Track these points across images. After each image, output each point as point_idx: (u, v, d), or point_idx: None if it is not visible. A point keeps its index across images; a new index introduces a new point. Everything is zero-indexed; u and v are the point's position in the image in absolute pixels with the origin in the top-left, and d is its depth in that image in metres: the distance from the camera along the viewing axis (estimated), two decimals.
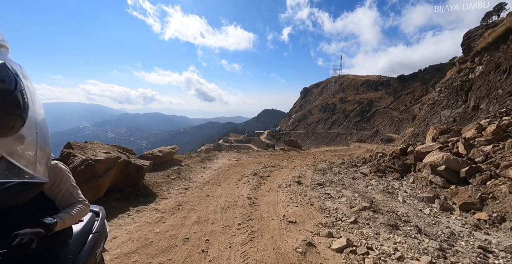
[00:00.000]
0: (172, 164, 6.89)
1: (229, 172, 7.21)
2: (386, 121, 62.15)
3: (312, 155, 11.44)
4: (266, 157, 10.45)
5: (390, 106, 70.26)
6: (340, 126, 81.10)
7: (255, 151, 11.55)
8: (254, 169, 7.61)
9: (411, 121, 24.39)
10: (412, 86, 74.86)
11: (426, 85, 66.36)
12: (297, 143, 12.47)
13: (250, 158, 9.95)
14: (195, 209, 3.84)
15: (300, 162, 9.34)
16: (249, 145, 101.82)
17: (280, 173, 7.09)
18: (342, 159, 9.98)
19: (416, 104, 54.61)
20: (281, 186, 5.45)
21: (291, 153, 11.71)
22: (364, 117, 71.53)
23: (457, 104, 10.58)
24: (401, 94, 74.00)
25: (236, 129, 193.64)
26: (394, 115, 61.23)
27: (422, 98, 56.71)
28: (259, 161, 9.24)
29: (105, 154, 3.65)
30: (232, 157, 9.53)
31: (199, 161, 8.17)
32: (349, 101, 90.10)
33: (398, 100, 71.09)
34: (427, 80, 69.86)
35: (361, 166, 8.66)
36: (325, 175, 6.85)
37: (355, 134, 68.92)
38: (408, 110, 57.70)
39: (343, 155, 11.41)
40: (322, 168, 7.82)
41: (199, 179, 6.15)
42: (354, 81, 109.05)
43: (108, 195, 3.77)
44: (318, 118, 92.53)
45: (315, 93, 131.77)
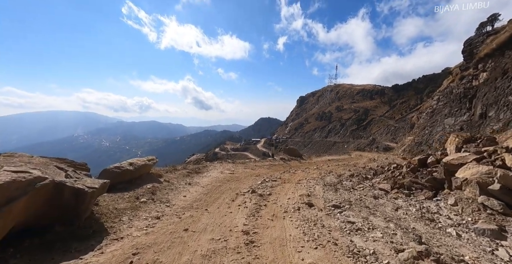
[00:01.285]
0: (148, 180, 5.57)
1: (221, 189, 5.96)
2: (382, 129, 61.87)
3: (315, 165, 10.28)
4: (265, 168, 9.24)
5: (385, 115, 70.35)
6: (336, 134, 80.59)
7: (253, 161, 10.19)
8: (252, 185, 6.40)
9: (409, 130, 23.68)
10: (406, 95, 75.57)
11: (420, 94, 66.94)
12: (297, 152, 11.33)
13: (247, 169, 8.72)
14: (158, 261, 2.53)
15: (304, 174, 8.19)
16: (246, 153, 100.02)
17: (283, 190, 5.89)
18: (349, 170, 9.04)
19: (412, 113, 54.61)
20: (287, 210, 4.22)
21: (292, 163, 10.50)
22: (361, 126, 71.26)
23: (460, 112, 9.86)
24: (396, 103, 74.45)
25: (233, 137, 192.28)
26: (390, 124, 61.04)
27: (417, 107, 56.88)
28: (257, 174, 8.02)
29: (11, 174, 2.33)
30: (226, 169, 8.26)
31: (185, 175, 6.84)
32: (345, 109, 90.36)
33: (394, 109, 71.38)
34: (421, 90, 70.63)
35: (373, 179, 7.68)
36: (338, 192, 5.68)
37: (352, 142, 68.28)
38: (404, 119, 57.59)
39: (347, 165, 10.38)
40: (332, 182, 6.67)
41: (180, 202, 4.77)
42: (349, 90, 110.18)
43: (14, 243, 2.35)
44: (315, 126, 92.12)
45: (311, 102, 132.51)
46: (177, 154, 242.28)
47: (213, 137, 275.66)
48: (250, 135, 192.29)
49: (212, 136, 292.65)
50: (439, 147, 9.24)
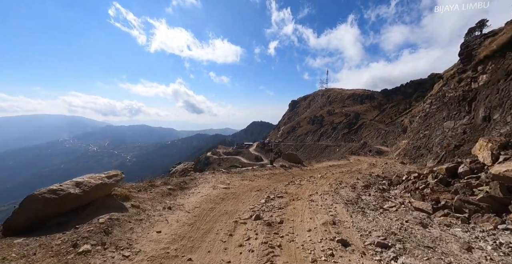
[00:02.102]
0: (105, 207, 3.97)
1: (213, 214, 4.55)
2: (373, 133, 62.83)
3: (318, 172, 9.28)
4: (266, 178, 8.10)
5: (376, 119, 71.69)
6: (328, 138, 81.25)
7: (250, 169, 8.88)
8: (254, 205, 5.06)
9: (402, 133, 23.97)
10: (395, 100, 77.54)
11: (409, 99, 68.85)
12: (297, 157, 10.40)
13: (245, 181, 7.45)
14: None
15: (313, 186, 7.02)
16: (238, 157, 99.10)
17: (297, 213, 4.60)
18: (357, 179, 8.10)
19: (401, 117, 55.79)
20: (316, 258, 2.87)
21: (293, 170, 9.41)
22: (352, 129, 72.25)
23: (460, 115, 9.81)
24: (385, 107, 76.19)
25: (225, 141, 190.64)
26: (381, 128, 62.10)
27: (407, 111, 58.31)
28: (258, 187, 6.71)
29: None
30: (220, 182, 6.93)
31: (164, 195, 5.26)
32: (337, 113, 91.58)
33: (383, 113, 72.94)
34: (410, 94, 72.72)
35: (391, 190, 6.84)
36: (367, 215, 4.53)
37: (343, 146, 68.85)
38: (394, 122, 58.73)
39: (351, 172, 9.51)
40: (351, 198, 5.56)
41: (150, 245, 3.18)
42: (340, 94, 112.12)
43: None
44: (307, 130, 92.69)
45: (303, 106, 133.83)
46: (167, 158, 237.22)
47: (205, 141, 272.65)
48: (242, 139, 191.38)
49: (204, 140, 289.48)
50: (440, 151, 8.94)
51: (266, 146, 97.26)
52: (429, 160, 9.58)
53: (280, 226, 4.00)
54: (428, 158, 9.97)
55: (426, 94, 65.57)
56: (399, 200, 5.68)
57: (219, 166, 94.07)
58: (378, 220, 4.30)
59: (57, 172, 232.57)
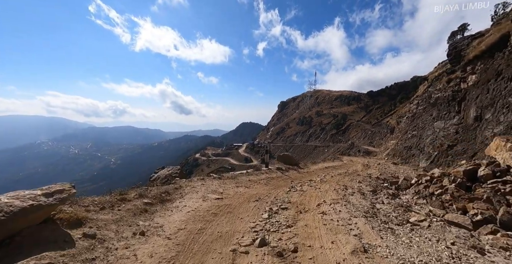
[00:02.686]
0: (38, 241, 2.66)
1: (202, 240, 3.48)
2: (360, 134, 64.22)
3: (317, 175, 8.70)
4: (263, 184, 7.27)
5: (363, 120, 73.39)
6: (317, 138, 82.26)
7: (245, 174, 8.04)
8: (256, 222, 4.22)
9: (389, 134, 24.51)
10: (381, 101, 79.93)
11: (393, 100, 71.17)
12: (293, 159, 9.90)
13: (240, 188, 6.53)
14: None
15: (316, 192, 6.34)
16: (228, 158, 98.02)
17: (310, 232, 3.85)
18: (359, 182, 7.66)
19: (386, 118, 57.43)
20: None
21: (291, 174, 8.74)
22: (340, 130, 73.50)
23: (450, 115, 9.92)
24: (371, 109, 78.29)
25: (214, 142, 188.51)
26: (367, 128, 63.59)
27: (391, 112, 60.15)
28: (256, 196, 5.87)
29: None
30: (211, 191, 5.95)
31: (137, 213, 4.13)
32: (325, 114, 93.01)
33: (370, 114, 74.87)
34: (394, 96, 75.21)
35: (400, 195, 6.47)
36: (397, 234, 3.88)
37: (332, 146, 69.85)
38: (380, 123, 60.34)
39: (350, 174, 9.10)
40: (366, 209, 4.91)
41: None
42: (328, 95, 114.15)
43: None
44: (296, 131, 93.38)
45: (292, 107, 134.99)
46: (154, 160, 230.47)
47: (194, 142, 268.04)
48: (231, 140, 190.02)
49: (193, 141, 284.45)
50: (432, 151, 8.84)
51: (256, 147, 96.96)
52: (422, 161, 9.56)
53: (295, 258, 3.03)
54: (420, 158, 9.97)
55: (410, 95, 68.03)
56: (425, 210, 4.98)
57: (208, 168, 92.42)
58: (416, 242, 3.59)
59: (34, 177, 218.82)
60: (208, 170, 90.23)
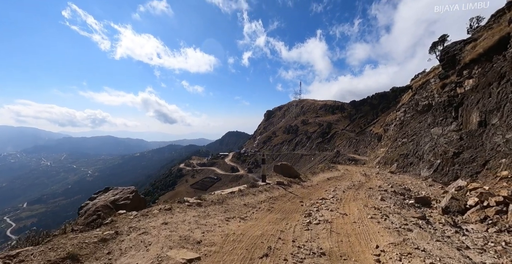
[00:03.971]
0: None
1: None
2: (345, 142, 65.32)
3: (324, 190, 7.13)
4: (265, 210, 5.04)
5: (347, 129, 75.13)
6: (303, 147, 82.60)
7: (237, 193, 5.79)
8: None
9: (377, 141, 24.62)
10: (363, 110, 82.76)
11: (375, 110, 73.96)
12: (292, 169, 8.33)
13: (233, 224, 4.10)
14: None
15: (348, 222, 4.42)
16: (213, 168, 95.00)
17: None
18: (381, 200, 6.04)
19: (370, 126, 59.09)
20: None
21: (295, 189, 7.05)
22: (325, 139, 74.44)
23: (447, 121, 9.60)
24: (355, 117, 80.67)
25: (199, 152, 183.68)
26: (352, 137, 64.92)
27: (374, 120, 62.11)
28: (262, 243, 3.36)
29: None
30: (178, 240, 3.15)
31: None
32: (310, 123, 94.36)
33: (353, 122, 76.95)
34: (376, 105, 78.30)
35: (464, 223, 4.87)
36: None
37: (318, 155, 70.19)
38: (363, 132, 61.90)
39: (359, 187, 7.72)
40: None
41: None
42: (313, 105, 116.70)
43: None
44: (283, 139, 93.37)
45: (278, 116, 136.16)
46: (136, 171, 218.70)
47: (178, 152, 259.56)
48: (218, 149, 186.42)
49: (177, 151, 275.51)
50: (434, 159, 8.10)
51: (243, 156, 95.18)
52: (423, 169, 9.05)
53: None
54: (420, 167, 9.45)
55: (391, 105, 70.85)
56: None
57: (193, 178, 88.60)
58: None
59: None
60: (193, 181, 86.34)
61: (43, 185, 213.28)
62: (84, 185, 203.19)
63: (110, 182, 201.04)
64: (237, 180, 77.31)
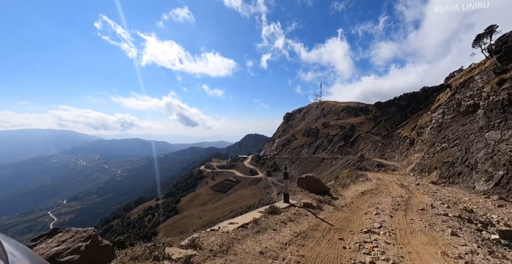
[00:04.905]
0: None
1: None
2: (370, 145, 61.61)
3: (364, 213, 5.36)
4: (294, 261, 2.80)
5: (372, 131, 70.97)
6: (324, 150, 79.69)
7: (251, 227, 3.58)
8: None
9: (408, 146, 22.40)
10: (390, 112, 77.69)
11: (404, 111, 68.93)
12: (320, 182, 6.60)
13: None
14: None
15: None
16: (233, 170, 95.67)
17: None
18: (455, 235, 4.35)
19: (397, 129, 55.06)
20: None
21: (327, 213, 5.10)
22: (348, 142, 70.96)
23: (507, 124, 7.98)
24: (381, 120, 75.98)
25: (219, 154, 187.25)
26: (377, 140, 61.04)
27: (403, 123, 57.82)
28: None
29: None
30: None
31: None
32: (332, 126, 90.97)
33: (379, 125, 72.48)
34: (404, 107, 73.05)
35: None
36: None
37: (340, 158, 67.28)
38: (390, 135, 57.91)
39: (408, 208, 5.97)
40: None
41: None
42: (334, 107, 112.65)
43: None
44: (302, 143, 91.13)
45: (298, 118, 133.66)
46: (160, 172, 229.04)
47: (199, 154, 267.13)
48: (237, 152, 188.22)
49: (198, 153, 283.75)
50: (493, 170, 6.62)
51: (262, 159, 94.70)
52: (478, 182, 7.55)
53: None
54: (474, 179, 7.90)
55: (421, 106, 65.75)
56: None
57: (213, 180, 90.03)
58: None
59: (43, 189, 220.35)
60: (213, 183, 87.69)
61: (79, 184, 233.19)
62: (114, 184, 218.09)
63: (137, 182, 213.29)
64: (256, 183, 76.78)
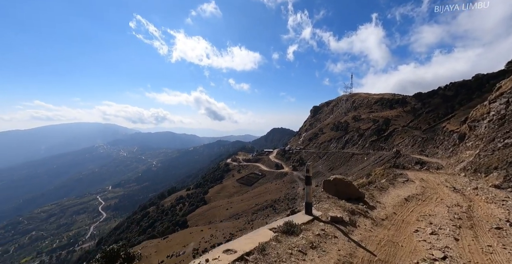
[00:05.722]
0: None
1: None
2: (407, 140, 56.36)
3: (414, 230, 4.16)
4: None
5: (410, 125, 64.66)
6: (354, 145, 75.46)
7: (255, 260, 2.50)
8: None
9: (457, 141, 19.57)
10: (433, 104, 69.63)
11: (450, 102, 61.09)
12: (352, 187, 5.35)
13: None
14: None
15: None
16: (258, 164, 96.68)
17: None
18: None
19: (443, 122, 49.19)
20: None
21: (364, 233, 3.75)
22: (381, 136, 65.85)
23: None
24: (421, 112, 68.62)
25: (245, 148, 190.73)
26: (417, 135, 55.50)
27: (449, 115, 51.39)
28: None
29: None
30: None
31: None
32: (363, 119, 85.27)
33: (419, 118, 65.57)
34: (451, 97, 64.70)
35: None
36: None
37: (372, 154, 63.18)
38: (433, 129, 52.12)
39: (471, 222, 4.62)
40: None
41: None
42: (366, 99, 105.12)
43: None
44: (330, 137, 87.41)
45: (326, 112, 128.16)
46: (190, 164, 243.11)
47: (226, 147, 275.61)
48: (262, 146, 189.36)
49: (225, 146, 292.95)
50: None
51: (287, 153, 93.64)
52: None
53: None
54: None
55: (473, 96, 57.73)
56: None
57: (239, 173, 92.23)
58: None
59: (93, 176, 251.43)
60: (239, 176, 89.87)
61: (121, 172, 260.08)
62: (150, 174, 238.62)
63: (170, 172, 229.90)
64: (282, 177, 76.45)
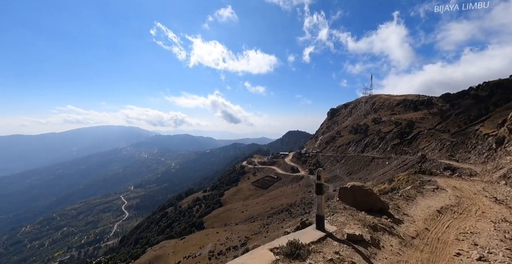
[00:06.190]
0: None
1: None
2: (434, 144, 52.70)
3: (456, 253, 3.42)
4: None
5: (437, 128, 60.40)
6: (374, 149, 72.09)
7: None
8: None
9: (494, 145, 17.73)
10: (463, 105, 64.50)
11: (483, 103, 56.15)
12: (374, 196, 4.54)
13: None
14: None
15: None
16: (273, 167, 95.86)
17: None
18: None
19: (475, 125, 45.36)
20: None
21: (390, 255, 3.09)
22: (405, 140, 62.20)
23: None
24: (449, 114, 63.84)
25: (261, 150, 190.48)
26: (445, 138, 51.68)
27: (483, 117, 47.28)
28: None
29: None
30: None
31: None
32: (384, 122, 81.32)
33: (447, 120, 61.04)
34: (484, 98, 59.52)
35: None
36: None
37: (394, 158, 59.96)
38: (464, 132, 48.24)
39: None
40: None
41: None
42: (388, 101, 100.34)
43: None
44: (349, 140, 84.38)
45: (344, 114, 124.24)
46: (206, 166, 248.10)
47: (241, 150, 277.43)
48: (278, 149, 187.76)
49: (241, 149, 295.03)
50: None
51: (304, 156, 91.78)
52: None
53: None
54: None
55: (510, 97, 52.79)
56: None
57: (254, 176, 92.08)
58: None
59: (117, 176, 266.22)
60: (254, 179, 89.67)
61: (142, 173, 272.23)
62: (169, 175, 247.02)
63: (187, 174, 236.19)
64: (298, 181, 75.03)
